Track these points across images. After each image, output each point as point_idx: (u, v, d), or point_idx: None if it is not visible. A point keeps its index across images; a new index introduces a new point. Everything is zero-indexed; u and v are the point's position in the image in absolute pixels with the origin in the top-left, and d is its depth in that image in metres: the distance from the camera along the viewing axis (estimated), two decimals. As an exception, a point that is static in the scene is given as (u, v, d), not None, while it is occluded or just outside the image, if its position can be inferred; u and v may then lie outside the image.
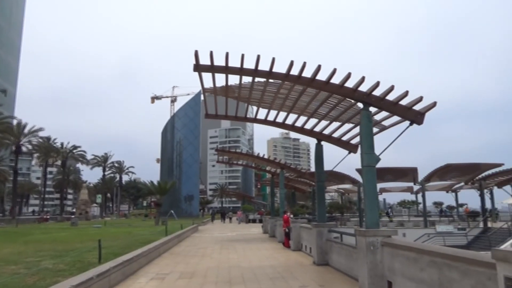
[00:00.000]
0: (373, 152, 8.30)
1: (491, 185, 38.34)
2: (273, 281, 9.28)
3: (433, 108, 8.43)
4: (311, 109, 11.18)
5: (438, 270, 5.61)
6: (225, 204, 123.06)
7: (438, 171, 33.49)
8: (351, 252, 9.52)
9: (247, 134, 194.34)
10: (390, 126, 10.26)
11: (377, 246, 7.70)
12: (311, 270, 10.94)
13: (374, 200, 8.22)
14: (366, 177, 8.26)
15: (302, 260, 13.23)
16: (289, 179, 29.14)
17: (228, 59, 8.26)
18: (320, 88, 8.99)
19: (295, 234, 16.30)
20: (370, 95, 8.52)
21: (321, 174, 12.55)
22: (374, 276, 7.58)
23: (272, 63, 8.28)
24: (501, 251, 3.86)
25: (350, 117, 10.86)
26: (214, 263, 12.56)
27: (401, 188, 49.21)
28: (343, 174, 34.69)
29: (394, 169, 34.75)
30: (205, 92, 10.62)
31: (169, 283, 9.26)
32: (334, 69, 8.26)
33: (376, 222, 8.04)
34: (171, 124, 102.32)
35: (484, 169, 33.67)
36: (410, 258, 6.54)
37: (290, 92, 10.20)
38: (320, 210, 12.69)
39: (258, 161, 25.31)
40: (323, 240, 11.94)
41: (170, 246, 17.90)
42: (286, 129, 13.29)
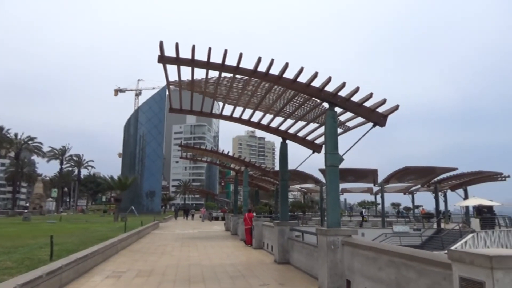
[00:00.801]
0: (337, 152, 8.36)
1: (445, 188, 40.15)
2: (233, 279, 9.17)
3: (395, 111, 8.62)
4: (277, 107, 11.14)
5: (396, 270, 5.70)
6: (188, 201, 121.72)
7: (397, 173, 34.62)
8: (312, 251, 9.58)
9: (212, 131, 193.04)
10: (354, 127, 10.41)
11: (338, 245, 7.77)
12: (272, 269, 10.91)
13: (336, 200, 8.28)
14: (329, 177, 8.31)
15: (263, 258, 13.20)
16: (253, 177, 29.15)
17: (194, 52, 8.03)
18: (287, 86, 8.95)
19: (257, 232, 16.27)
20: (336, 95, 8.58)
21: (285, 173, 12.56)
22: (334, 275, 7.64)
23: (240, 58, 8.14)
24: (456, 252, 3.94)
25: (315, 117, 10.91)
26: (174, 261, 12.28)
27: (361, 189, 50.53)
28: (306, 174, 35.08)
29: (355, 170, 35.57)
30: (169, 85, 10.31)
31: (125, 281, 8.91)
32: (301, 68, 8.24)
33: (337, 222, 8.11)
34: (134, 118, 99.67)
35: (439, 172, 35.17)
36: (369, 257, 6.62)
37: (257, 89, 10.09)
38: (282, 209, 12.71)
39: (222, 158, 25.10)
40: (284, 238, 11.96)
41: (129, 243, 17.37)
42: (252, 127, 13.20)
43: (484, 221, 31.04)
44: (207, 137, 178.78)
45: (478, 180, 36.93)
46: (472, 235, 27.95)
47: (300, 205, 55.87)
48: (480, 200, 33.59)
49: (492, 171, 35.04)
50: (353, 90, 8.45)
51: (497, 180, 36.27)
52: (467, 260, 3.78)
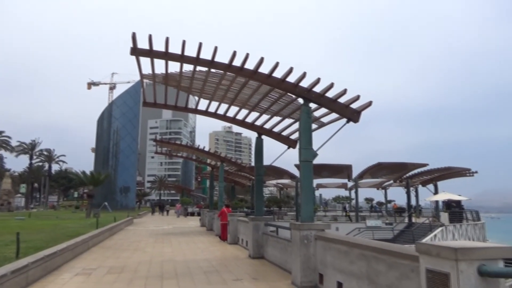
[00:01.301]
0: (311, 148, 8.42)
1: (417, 183, 41.29)
2: (207, 275, 9.12)
3: (368, 107, 8.75)
4: (252, 103, 11.12)
5: (367, 263, 5.80)
6: (163, 197, 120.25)
7: (370, 169, 35.33)
8: (286, 246, 9.63)
9: (189, 126, 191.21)
10: (328, 123, 10.51)
11: (311, 239, 7.84)
12: (246, 263, 10.92)
13: (310, 195, 8.36)
14: (303, 172, 8.37)
15: (238, 253, 13.19)
16: (229, 173, 29.10)
17: (168, 44, 7.89)
18: (262, 81, 8.93)
19: (232, 228, 16.25)
20: (310, 91, 8.62)
21: (260, 168, 12.57)
22: (307, 269, 7.71)
23: (214, 52, 8.05)
24: (424, 244, 4.03)
25: (290, 112, 10.96)
26: (147, 257, 12.10)
27: (336, 184, 51.34)
28: (282, 169, 35.30)
29: (330, 166, 36.06)
30: (143, 78, 10.10)
31: (95, 278, 8.71)
32: (277, 63, 8.23)
33: (311, 216, 8.19)
34: (108, 112, 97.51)
35: (411, 168, 36.12)
36: (341, 251, 6.71)
37: (232, 84, 10.04)
38: (257, 204, 12.73)
39: (198, 153, 24.91)
40: (259, 233, 11.99)
41: (101, 239, 17.00)
42: (227, 122, 13.14)
43: (452, 215, 32.11)
44: (183, 132, 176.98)
45: (448, 176, 38.17)
46: (441, 229, 28.89)
47: (276, 200, 56.23)
48: (449, 195, 34.73)
49: (461, 167, 36.26)
50: (328, 86, 8.52)
51: (465, 175, 37.58)
52: (433, 253, 3.88)
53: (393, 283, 5.10)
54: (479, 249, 3.64)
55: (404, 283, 4.86)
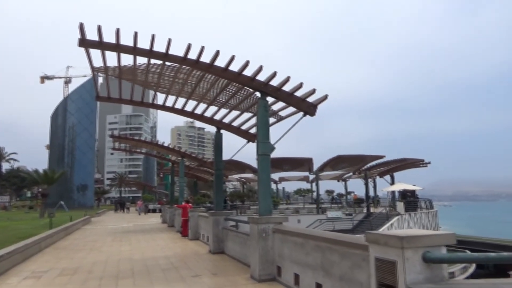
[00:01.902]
0: (268, 141, 8.43)
1: (375, 174, 42.71)
2: (165, 272, 8.95)
3: (324, 101, 8.86)
4: (210, 96, 10.97)
5: (322, 254, 5.89)
6: (124, 194, 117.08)
7: (331, 161, 36.12)
8: (246, 240, 9.63)
9: (150, 122, 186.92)
10: (286, 117, 10.57)
11: (269, 233, 7.88)
12: (206, 259, 10.83)
13: (267, 188, 8.37)
14: (261, 166, 8.36)
15: (198, 249, 13.07)
16: (190, 168, 28.74)
17: (119, 36, 7.57)
18: (219, 74, 8.81)
19: (193, 223, 16.08)
20: (267, 84, 8.61)
21: (219, 162, 12.47)
22: (265, 262, 7.75)
23: (168, 44, 7.83)
24: (372, 234, 4.13)
25: (249, 106, 10.91)
26: (103, 257, 11.70)
27: (298, 177, 52.09)
28: (244, 163, 35.32)
29: (291, 159, 36.52)
30: (94, 71, 9.67)
31: (46, 281, 8.31)
32: (233, 56, 8.14)
33: (269, 210, 8.21)
34: (62, 107, 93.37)
35: (369, 160, 37.32)
36: (297, 243, 6.78)
37: (188, 77, 9.84)
38: (217, 199, 12.63)
39: (158, 149, 24.37)
40: (219, 228, 11.92)
41: (55, 240, 16.28)
42: (186, 116, 12.89)
43: (408, 205, 33.50)
44: (144, 128, 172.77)
45: (403, 167, 39.76)
46: (397, 218, 30.09)
47: (239, 194, 56.31)
48: (405, 185, 36.18)
49: (415, 158, 37.89)
50: (284, 79, 8.55)
51: (419, 166, 39.34)
52: (381, 242, 3.98)
53: (346, 272, 5.22)
54: (424, 237, 3.77)
55: (356, 272, 4.98)
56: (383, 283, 3.92)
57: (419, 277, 3.66)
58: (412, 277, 3.64)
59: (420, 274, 3.67)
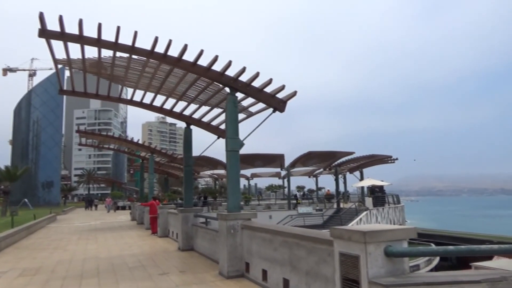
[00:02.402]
0: (237, 137, 8.38)
1: (345, 171, 43.45)
2: (132, 270, 8.75)
3: (294, 97, 8.90)
4: (179, 91, 10.79)
5: (289, 249, 5.92)
6: (93, 191, 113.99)
7: (302, 158, 36.42)
8: (215, 236, 9.57)
9: (120, 117, 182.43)
10: (256, 113, 10.55)
11: (237, 229, 7.85)
12: (174, 256, 10.68)
13: (236, 184, 8.33)
14: (230, 162, 8.31)
15: (167, 246, 12.88)
16: (160, 164, 28.28)
17: (82, 27, 7.29)
18: (188, 69, 8.67)
19: (163, 220, 15.84)
20: (236, 80, 8.55)
21: (189, 158, 12.31)
22: (234, 259, 7.72)
23: (135, 37, 7.62)
24: (337, 229, 4.17)
25: (219, 102, 10.82)
26: (67, 256, 11.32)
27: (270, 173, 52.31)
28: (216, 160, 35.08)
29: (263, 155, 36.60)
30: (57, 63, 9.28)
31: (4, 282, 7.93)
32: (201, 50, 8.02)
33: (237, 206, 8.18)
34: (26, 101, 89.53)
35: (339, 156, 37.90)
36: (266, 239, 6.79)
37: (156, 71, 9.63)
38: (187, 195, 12.49)
39: (127, 144, 23.84)
40: (188, 225, 11.79)
41: (17, 239, 15.62)
42: (154, 111, 12.64)
43: (376, 200, 34.26)
44: (114, 123, 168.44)
45: (372, 163, 40.66)
46: (366, 213, 30.72)
47: (211, 191, 55.97)
48: (373, 181, 36.99)
49: (383, 155, 38.78)
50: (254, 75, 8.52)
51: (387, 162, 40.32)
52: (345, 237, 4.02)
53: (312, 267, 5.26)
54: (386, 232, 3.83)
55: (322, 267, 5.02)
56: (346, 278, 3.97)
57: (381, 271, 3.72)
58: (374, 271, 3.70)
59: (382, 268, 3.74)
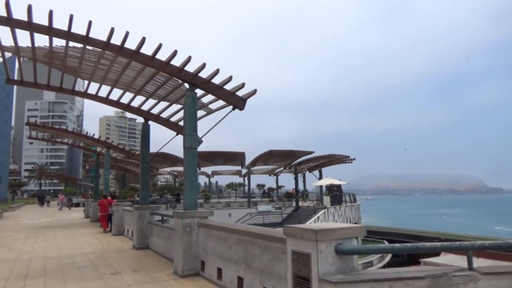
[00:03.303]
0: (195, 134, 8.26)
1: (304, 169, 44.20)
2: (82, 270, 8.40)
3: (254, 95, 8.91)
4: (137, 85, 10.49)
5: (244, 248, 5.91)
6: (45, 187, 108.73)
7: (263, 156, 36.63)
8: (171, 235, 9.40)
9: (75, 110, 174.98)
10: (216, 110, 10.47)
11: (193, 227, 7.75)
12: (128, 255, 10.38)
13: (193, 182, 8.21)
14: (187, 159, 8.17)
15: (121, 245, 12.50)
16: (117, 160, 27.42)
17: (31, 13, 6.88)
18: (146, 63, 8.43)
19: (118, 218, 15.36)
20: (196, 76, 8.42)
21: (146, 155, 12.00)
22: (189, 257, 7.61)
23: (89, 27, 7.29)
24: (290, 227, 4.19)
25: (178, 98, 10.62)
26: (12, 255, 10.70)
27: (231, 171, 52.20)
28: (175, 156, 34.47)
29: (224, 153, 36.46)
30: (3, 51, 8.71)
31: None
32: (160, 44, 7.83)
33: (194, 204, 8.06)
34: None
35: (299, 155, 38.48)
36: (221, 237, 6.74)
37: (112, 64, 9.29)
38: (143, 192, 12.17)
39: (81, 139, 22.90)
40: (144, 223, 11.51)
41: (-44, 238, 14.59)
42: (111, 105, 12.19)
43: (333, 198, 35.11)
44: (69, 116, 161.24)
45: (330, 163, 41.63)
46: (323, 211, 31.44)
47: (171, 188, 55.04)
48: (331, 180, 37.88)
49: (342, 155, 39.80)
50: (214, 72, 8.42)
51: (345, 162, 41.43)
52: (298, 235, 4.05)
53: (266, 265, 5.28)
54: (336, 230, 3.90)
55: (275, 265, 5.05)
56: (298, 275, 4.01)
57: (331, 269, 3.79)
58: (324, 268, 3.75)
59: (332, 266, 3.80)
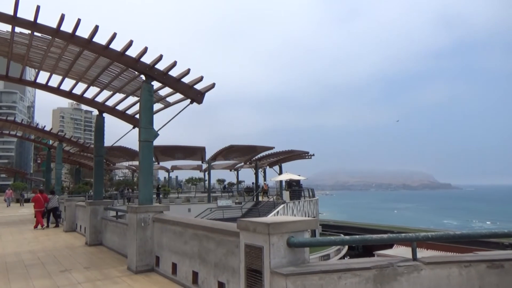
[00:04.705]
0: (151, 127, 8.08)
1: (265, 165, 44.57)
2: (29, 268, 8.00)
3: (212, 89, 8.83)
4: (91, 76, 10.08)
5: (199, 242, 5.87)
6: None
7: (223, 151, 36.52)
8: (125, 230, 9.14)
9: (26, 101, 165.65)
10: (174, 103, 10.28)
11: (148, 222, 7.59)
12: (80, 252, 10.01)
13: (148, 176, 8.04)
14: (142, 153, 7.98)
15: (73, 241, 12.03)
16: (71, 154, 26.31)
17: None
18: (99, 52, 8.12)
19: (69, 214, 14.76)
20: (153, 68, 8.22)
21: (100, 148, 11.59)
22: (143, 253, 7.45)
23: (37, 12, 6.90)
24: (243, 221, 4.21)
25: (134, 90, 10.32)
26: (-49, 255, 9.99)
27: (191, 166, 51.58)
28: (133, 150, 33.57)
29: (184, 147, 36.00)
30: None
31: None
32: (114, 33, 7.56)
33: (149, 199, 7.90)
34: None
35: (260, 151, 38.71)
36: (176, 232, 6.65)
37: (63, 52, 8.86)
38: (97, 187, 11.77)
39: (32, 131, 21.72)
40: (97, 218, 11.14)
41: None
42: (62, 96, 11.64)
43: (293, 193, 35.73)
44: (19, 107, 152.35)
45: (290, 158, 42.26)
46: (283, 206, 31.88)
47: (128, 183, 53.70)
48: (291, 175, 38.46)
49: (301, 150, 40.47)
50: (171, 64, 8.26)
51: (305, 158, 42.18)
52: (251, 229, 4.07)
53: (220, 259, 5.27)
54: (288, 223, 3.96)
55: (229, 258, 5.06)
56: (250, 268, 4.03)
57: (283, 261, 3.84)
58: (276, 261, 3.80)
59: (284, 258, 3.85)
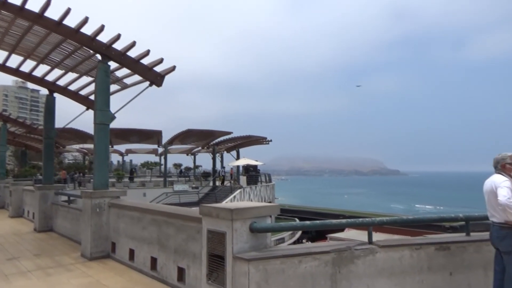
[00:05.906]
0: (107, 110, 7.78)
1: (222, 150, 44.47)
2: (-29, 257, 7.52)
3: (172, 71, 8.63)
4: (41, 53, 9.47)
5: (158, 228, 5.79)
6: None
7: (180, 135, 35.95)
8: (78, 216, 8.83)
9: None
10: (132, 85, 9.92)
11: (104, 207, 7.37)
12: (29, 239, 9.54)
13: (104, 160, 7.77)
14: (98, 136, 7.68)
15: (20, 228, 11.43)
16: (16, 135, 24.75)
17: None
18: (51, 28, 7.63)
19: (16, 198, 13.98)
20: (110, 47, 7.87)
21: (50, 130, 10.99)
22: (98, 239, 7.25)
23: (-20, -20, 6.35)
24: (206, 207, 4.20)
25: (89, 70, 9.84)
26: None
27: (146, 150, 50.37)
28: (85, 133, 32.17)
29: (140, 131, 35.04)
30: None
31: None
32: (68, 8, 7.12)
33: (105, 183, 7.66)
34: None
35: (217, 136, 38.53)
36: (134, 217, 6.52)
37: (11, 27, 8.24)
38: (46, 171, 11.19)
39: (-29, 110, 20.14)
40: (47, 204, 10.64)
41: None
42: (8, 73, 10.87)
43: (250, 178, 35.99)
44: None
45: (248, 143, 42.44)
46: (239, 191, 32.07)
47: (79, 166, 51.51)
48: (248, 160, 38.67)
49: (259, 136, 40.75)
50: (130, 44, 7.96)
51: (262, 143, 42.55)
52: (214, 214, 4.07)
53: (180, 245, 5.25)
54: (251, 209, 4.00)
55: (190, 244, 5.04)
56: (213, 254, 4.05)
57: (245, 246, 3.89)
58: (239, 246, 3.84)
59: (246, 243, 3.91)
